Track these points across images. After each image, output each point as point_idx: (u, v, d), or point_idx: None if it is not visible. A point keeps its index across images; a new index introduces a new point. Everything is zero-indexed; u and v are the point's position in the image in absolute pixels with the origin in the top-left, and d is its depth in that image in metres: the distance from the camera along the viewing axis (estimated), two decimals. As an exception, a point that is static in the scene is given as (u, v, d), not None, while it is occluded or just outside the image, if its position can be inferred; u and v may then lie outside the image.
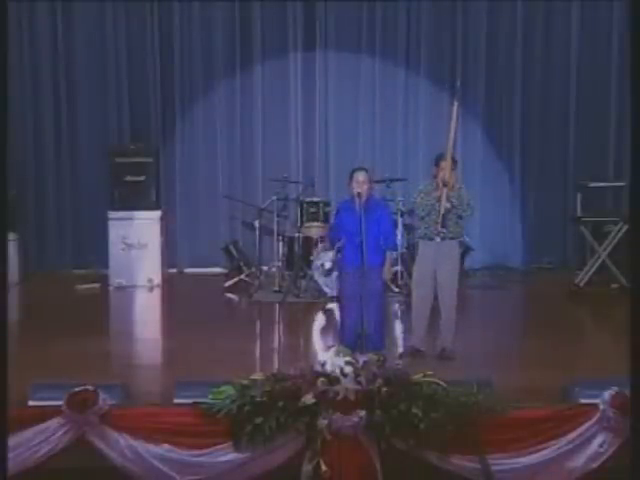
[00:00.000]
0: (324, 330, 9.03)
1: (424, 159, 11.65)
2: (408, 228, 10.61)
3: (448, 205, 7.28)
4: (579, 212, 10.76)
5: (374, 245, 7.27)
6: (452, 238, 7.46)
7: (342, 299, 7.58)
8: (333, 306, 9.61)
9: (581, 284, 10.28)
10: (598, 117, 11.81)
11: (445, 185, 7.25)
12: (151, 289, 10.90)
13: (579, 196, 10.83)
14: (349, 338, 7.13)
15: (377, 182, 10.73)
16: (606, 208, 11.32)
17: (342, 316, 7.53)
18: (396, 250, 9.04)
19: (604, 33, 11.76)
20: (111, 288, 10.80)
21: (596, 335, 8.77)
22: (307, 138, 12.03)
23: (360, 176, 7.38)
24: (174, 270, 11.84)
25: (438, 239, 7.40)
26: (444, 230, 7.36)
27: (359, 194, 7.29)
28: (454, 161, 7.45)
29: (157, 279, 11.01)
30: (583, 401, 5.55)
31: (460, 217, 7.43)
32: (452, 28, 11.86)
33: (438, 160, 7.49)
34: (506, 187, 12.05)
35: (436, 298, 7.52)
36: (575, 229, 11.12)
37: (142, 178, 11.12)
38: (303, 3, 11.85)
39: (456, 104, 7.42)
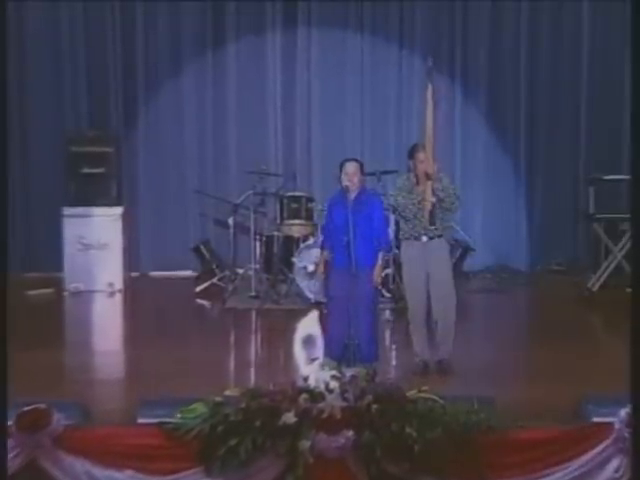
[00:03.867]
0: (307, 340, 9.02)
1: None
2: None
3: (433, 199, 7.29)
4: (592, 208, 10.80)
5: (365, 244, 7.28)
6: (440, 236, 7.48)
7: (329, 304, 7.59)
8: (317, 313, 9.63)
9: (594, 288, 10.32)
10: (612, 105, 11.85)
11: (429, 178, 7.26)
12: (112, 294, 10.88)
13: (592, 190, 10.87)
14: (336, 349, 7.14)
15: (367, 175, 10.75)
16: (622, 204, 11.35)
17: (328, 324, 7.53)
18: (389, 251, 9.06)
19: (618, 19, 11.79)
20: (66, 294, 10.77)
21: (611, 345, 8.79)
22: (287, 126, 12.04)
23: (349, 168, 7.41)
24: (137, 273, 11.82)
25: (425, 238, 7.42)
26: (432, 227, 7.37)
27: (347, 187, 7.31)
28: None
29: (118, 283, 10.99)
30: (597, 420, 5.55)
31: (448, 210, 7.44)
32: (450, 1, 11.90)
33: (413, 152, 7.50)
34: (510, 180, 12.10)
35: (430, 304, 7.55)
36: (587, 227, 11.17)
37: (101, 170, 11.09)
38: (283, -27, 11.89)
39: (430, 87, 7.40)
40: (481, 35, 11.92)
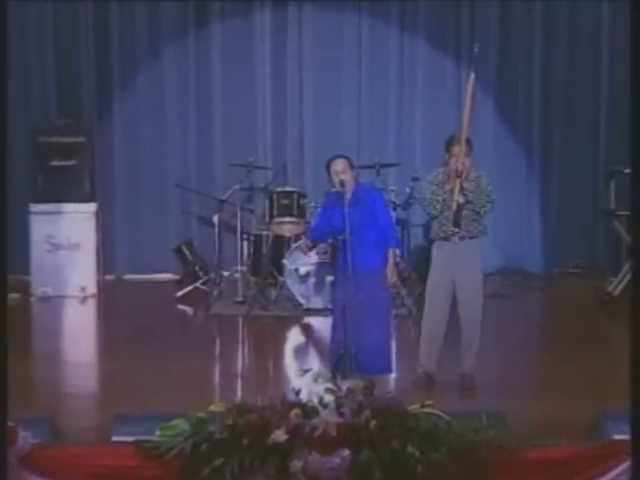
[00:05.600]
0: (299, 350, 9.03)
1: (422, 140, 11.72)
2: (403, 224, 10.63)
3: (461, 200, 7.31)
4: (612, 204, 10.82)
5: (372, 244, 7.32)
6: (472, 237, 7.48)
7: (334, 311, 7.68)
8: (310, 320, 9.65)
9: (615, 293, 10.33)
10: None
11: (459, 175, 7.27)
12: (84, 300, 10.88)
13: (612, 185, 10.89)
14: (335, 359, 7.22)
15: (365, 168, 10.78)
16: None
17: (332, 332, 7.60)
18: (400, 247, 9.11)
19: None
20: (34, 299, 10.77)
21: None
22: (278, 114, 12.04)
23: (338, 165, 7.42)
24: (112, 277, 11.82)
25: (455, 239, 7.44)
26: (457, 230, 7.38)
27: (342, 182, 7.32)
28: (468, 145, 7.45)
29: (91, 288, 10.99)
30: (617, 437, 5.57)
31: (477, 213, 7.44)
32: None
33: (449, 144, 7.49)
34: (522, 173, 12.11)
35: (453, 312, 7.56)
36: (608, 225, 11.18)
37: (72, 162, 11.09)
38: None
39: (472, 76, 7.46)
40: (490, 15, 11.91)
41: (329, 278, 9.51)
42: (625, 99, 11.75)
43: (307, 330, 9.64)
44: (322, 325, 9.33)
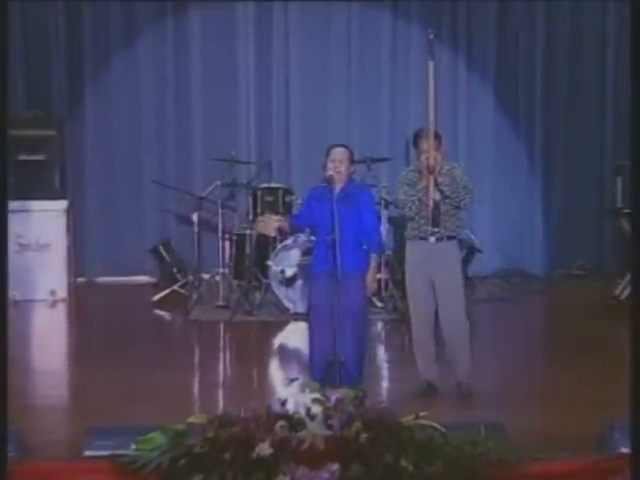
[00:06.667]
0: (285, 358, 9.03)
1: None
2: (395, 223, 10.63)
3: (438, 197, 7.31)
4: (619, 201, 10.84)
5: (353, 245, 7.32)
6: (450, 237, 7.49)
7: (310, 315, 7.63)
8: (297, 325, 9.64)
9: (622, 296, 10.35)
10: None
11: (431, 172, 7.26)
12: (54, 304, 10.87)
13: (619, 181, 10.91)
14: (319, 367, 7.19)
15: (355, 163, 10.77)
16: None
17: (310, 338, 7.57)
18: (382, 252, 9.09)
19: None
20: (1, 303, 10.74)
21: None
22: (262, 106, 12.04)
23: (336, 154, 7.44)
24: (84, 279, 11.81)
25: (432, 239, 7.43)
26: (436, 229, 7.39)
27: (332, 177, 7.32)
28: (437, 138, 7.45)
29: (62, 291, 10.98)
30: (625, 450, 5.59)
31: (457, 207, 7.45)
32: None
33: (417, 139, 7.49)
34: (524, 170, 12.12)
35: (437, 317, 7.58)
36: (614, 224, 11.20)
37: (41, 157, 11.08)
38: None
39: (431, 63, 7.45)
40: (489, 9, 11.92)
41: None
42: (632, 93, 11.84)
43: (293, 337, 9.63)
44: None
